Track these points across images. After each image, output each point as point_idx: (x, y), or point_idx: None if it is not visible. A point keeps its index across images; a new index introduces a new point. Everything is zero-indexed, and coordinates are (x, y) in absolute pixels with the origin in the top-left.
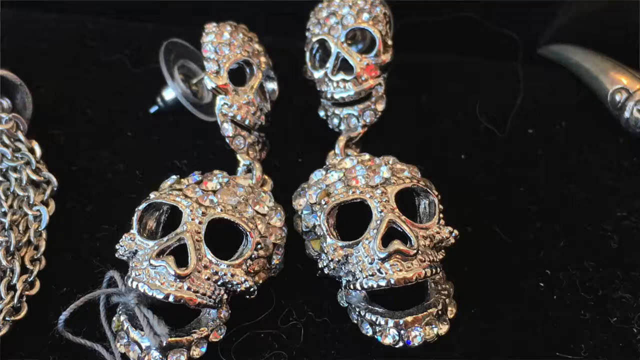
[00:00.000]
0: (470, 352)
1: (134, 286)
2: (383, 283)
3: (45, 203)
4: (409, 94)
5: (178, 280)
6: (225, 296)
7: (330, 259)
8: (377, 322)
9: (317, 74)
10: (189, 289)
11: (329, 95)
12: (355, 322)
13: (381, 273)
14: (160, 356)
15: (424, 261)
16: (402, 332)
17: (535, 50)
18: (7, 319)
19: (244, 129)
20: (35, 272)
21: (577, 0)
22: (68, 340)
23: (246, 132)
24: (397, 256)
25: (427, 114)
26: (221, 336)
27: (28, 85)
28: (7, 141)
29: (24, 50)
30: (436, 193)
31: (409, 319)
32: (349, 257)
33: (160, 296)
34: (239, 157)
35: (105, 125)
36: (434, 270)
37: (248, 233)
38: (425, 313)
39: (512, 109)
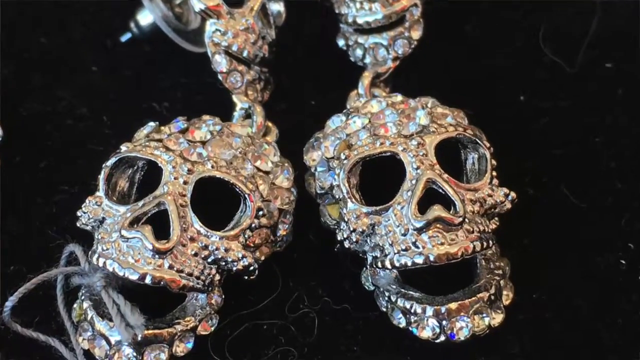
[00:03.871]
0: (531, 349)
1: (101, 264)
2: (420, 260)
3: None
4: (452, 19)
5: (157, 256)
6: (217, 277)
7: (352, 229)
8: (413, 310)
9: None
10: (170, 267)
11: (350, 20)
12: (385, 309)
13: (417, 247)
14: (134, 353)
15: (472, 232)
16: (444, 322)
17: None
18: None
19: (241, 63)
20: None
21: None
22: (16, 332)
23: (244, 67)
24: (438, 225)
25: (476, 44)
26: (212, 328)
27: None
28: None
29: None
30: (488, 145)
31: (453, 306)
32: (376, 227)
33: (134, 277)
34: (235, 98)
35: (64, 57)
36: (484, 244)
37: (247, 196)
38: (473, 299)
39: (585, 37)
